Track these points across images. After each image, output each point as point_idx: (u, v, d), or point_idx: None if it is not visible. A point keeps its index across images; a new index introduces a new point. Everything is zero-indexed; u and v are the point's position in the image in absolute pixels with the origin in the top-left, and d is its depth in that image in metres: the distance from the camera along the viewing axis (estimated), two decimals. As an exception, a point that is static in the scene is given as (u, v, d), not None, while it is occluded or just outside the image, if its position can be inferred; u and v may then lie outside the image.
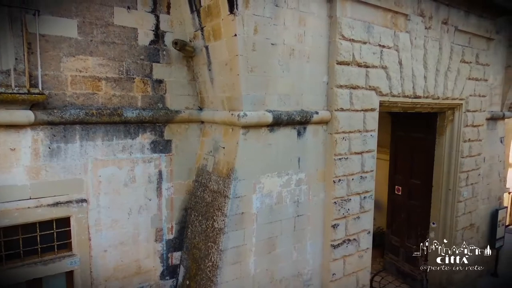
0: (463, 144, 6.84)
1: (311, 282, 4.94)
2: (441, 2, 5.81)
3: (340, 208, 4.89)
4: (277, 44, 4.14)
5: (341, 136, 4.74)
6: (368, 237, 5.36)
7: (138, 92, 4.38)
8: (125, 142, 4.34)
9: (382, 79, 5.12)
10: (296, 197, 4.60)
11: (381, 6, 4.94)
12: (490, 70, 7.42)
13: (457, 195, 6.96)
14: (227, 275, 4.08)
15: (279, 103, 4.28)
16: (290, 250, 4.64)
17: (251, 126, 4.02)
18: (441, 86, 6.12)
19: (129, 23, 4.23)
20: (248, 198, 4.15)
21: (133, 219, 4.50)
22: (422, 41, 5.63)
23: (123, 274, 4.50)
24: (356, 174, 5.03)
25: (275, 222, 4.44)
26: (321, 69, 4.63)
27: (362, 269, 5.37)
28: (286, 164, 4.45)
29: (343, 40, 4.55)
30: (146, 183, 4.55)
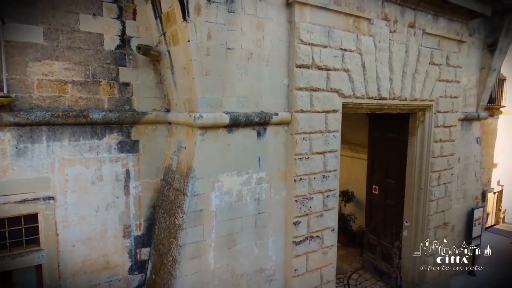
0: (434, 145, 7.00)
1: (274, 278, 5.13)
2: (407, 6, 5.98)
3: (302, 206, 5.07)
4: (234, 49, 4.34)
5: (301, 137, 4.93)
6: (332, 234, 5.54)
7: (105, 94, 4.59)
8: (92, 142, 4.55)
9: (345, 82, 5.30)
10: (257, 195, 4.79)
11: (342, 11, 5.12)
12: (463, 72, 7.56)
13: (428, 194, 7.12)
14: (186, 269, 4.28)
15: (238, 105, 4.47)
16: (251, 246, 4.83)
17: (208, 127, 4.22)
18: (408, 88, 6.28)
19: (95, 29, 4.43)
20: (206, 196, 4.35)
21: (100, 216, 4.70)
22: (386, 44, 5.80)
23: (91, 268, 4.71)
24: (318, 173, 5.21)
25: (235, 219, 4.64)
26: (281, 72, 4.82)
27: (326, 265, 5.55)
28: (246, 164, 4.65)
29: (302, 44, 4.74)
30: (113, 181, 4.75)
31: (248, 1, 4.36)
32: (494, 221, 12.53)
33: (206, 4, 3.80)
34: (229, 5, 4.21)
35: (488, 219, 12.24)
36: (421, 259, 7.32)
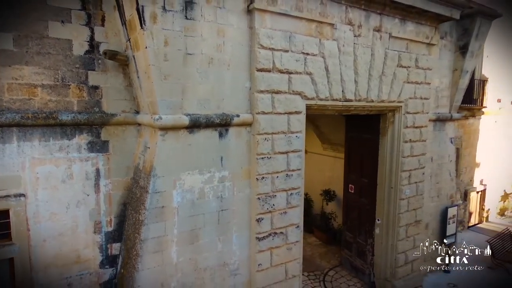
0: (404, 145, 7.21)
1: (239, 272, 5.37)
2: (372, 11, 6.20)
3: (264, 204, 5.31)
4: (195, 54, 4.58)
5: (263, 137, 5.16)
6: (296, 231, 5.76)
7: (74, 97, 4.83)
8: (62, 142, 4.80)
9: (307, 84, 5.53)
10: (219, 193, 5.03)
11: (304, 17, 5.35)
12: (434, 74, 7.78)
13: (399, 193, 7.33)
14: (148, 262, 4.53)
15: (199, 107, 4.72)
16: (214, 241, 5.07)
17: (168, 128, 4.46)
18: (375, 90, 6.50)
19: (64, 35, 4.68)
20: (168, 193, 4.60)
21: (71, 213, 4.95)
22: (351, 48, 6.02)
23: (62, 262, 4.95)
24: (282, 172, 5.44)
25: (198, 215, 4.88)
26: (243, 76, 5.06)
27: (291, 261, 5.78)
28: (208, 163, 4.89)
29: (262, 49, 4.97)
30: (83, 180, 4.99)
31: (208, 9, 4.60)
32: (477, 220, 12.69)
33: (162, 12, 4.04)
34: (188, 12, 4.45)
35: (471, 218, 12.42)
36: (392, 256, 7.54)
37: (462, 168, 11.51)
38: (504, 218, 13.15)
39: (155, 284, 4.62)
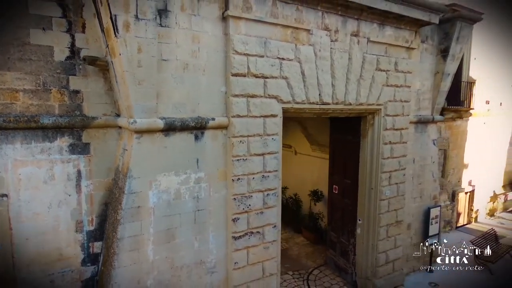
0: (384, 146, 7.37)
1: (216, 270, 5.55)
2: (349, 17, 6.36)
3: (240, 204, 5.48)
4: (169, 60, 4.77)
5: (238, 140, 5.34)
6: (273, 230, 5.94)
7: (55, 101, 5.03)
8: (44, 145, 4.99)
9: (283, 88, 5.70)
10: (195, 194, 5.22)
11: (280, 23, 5.52)
12: (415, 77, 7.95)
13: (379, 194, 7.49)
14: (124, 260, 4.72)
15: (174, 111, 4.90)
16: (191, 240, 5.25)
17: (143, 131, 4.65)
18: (353, 93, 6.66)
19: (45, 42, 4.87)
20: (144, 193, 4.79)
21: (53, 212, 5.14)
22: (328, 52, 6.19)
23: (45, 260, 5.14)
24: (258, 173, 5.62)
25: (174, 215, 5.07)
26: (219, 80, 5.24)
27: (268, 259, 5.95)
28: (184, 164, 5.07)
29: (237, 54, 5.15)
30: (65, 180, 5.18)
31: (182, 17, 4.79)
32: (466, 220, 12.81)
33: (135, 21, 4.23)
34: (163, 20, 4.64)
35: (459, 219, 12.55)
36: (373, 255, 7.70)
37: (450, 169, 11.64)
38: (493, 218, 13.26)
39: (131, 281, 4.81)
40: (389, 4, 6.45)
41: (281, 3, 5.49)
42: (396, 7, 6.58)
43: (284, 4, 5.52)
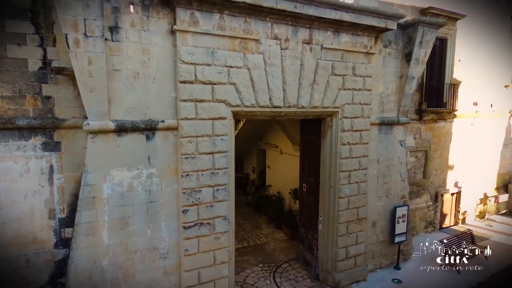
0: (342, 147, 7.78)
1: (168, 256, 6.22)
2: (300, 26, 6.83)
3: (190, 197, 6.12)
4: (121, 70, 5.48)
5: (187, 140, 5.98)
6: (224, 222, 6.52)
7: (30, 106, 5.86)
8: (20, 143, 5.83)
9: (231, 93, 6.28)
10: (148, 187, 5.91)
11: (227, 35, 6.10)
12: (378, 80, 8.29)
13: (338, 192, 7.90)
14: (81, 243, 5.48)
15: (126, 114, 5.61)
16: (143, 228, 5.95)
17: (97, 132, 5.39)
18: (306, 97, 7.12)
19: (21, 55, 5.70)
20: (98, 186, 5.53)
21: (28, 201, 5.98)
22: (278, 60, 6.70)
23: (20, 242, 5.99)
24: (207, 170, 6.23)
25: (127, 205, 5.78)
26: (169, 87, 5.90)
27: (220, 249, 6.54)
28: (136, 161, 5.78)
29: (184, 64, 5.79)
30: (39, 174, 6.01)
31: (132, 32, 5.49)
32: (453, 222, 12.80)
33: (84, 38, 4.96)
34: (114, 36, 5.36)
35: (445, 220, 12.58)
36: (333, 250, 8.11)
37: (432, 170, 11.74)
38: (482, 221, 13.15)
39: (88, 262, 5.56)
40: (339, 13, 6.86)
41: (229, 16, 6.07)
42: (347, 16, 6.98)
43: (231, 17, 6.10)
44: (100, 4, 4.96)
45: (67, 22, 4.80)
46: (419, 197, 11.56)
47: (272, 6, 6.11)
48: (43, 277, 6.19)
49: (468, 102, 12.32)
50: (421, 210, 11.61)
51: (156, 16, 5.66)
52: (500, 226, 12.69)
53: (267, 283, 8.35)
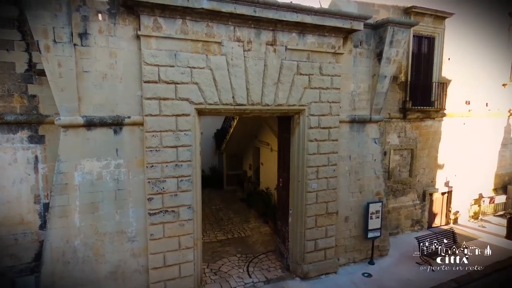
0: (309, 143, 8.13)
1: (136, 239, 6.86)
2: (263, 29, 7.27)
3: (154, 186, 6.73)
4: (90, 71, 6.18)
5: (151, 134, 6.59)
6: (188, 210, 7.08)
7: (17, 103, 6.70)
8: (8, 136, 6.68)
9: (194, 92, 6.83)
10: (116, 176, 6.58)
11: (189, 38, 6.66)
12: (349, 79, 8.57)
13: (306, 187, 8.25)
14: (55, 223, 6.23)
15: (95, 110, 6.30)
16: (112, 213, 6.62)
17: (68, 126, 6.11)
18: (270, 95, 7.55)
19: (9, 59, 6.54)
20: (70, 174, 6.25)
21: (16, 187, 6.83)
22: (241, 61, 7.17)
23: (10, 222, 6.85)
24: (171, 162, 6.81)
25: (97, 192, 6.47)
26: (135, 86, 6.54)
27: (184, 235, 7.11)
28: (105, 153, 6.46)
29: (147, 65, 6.40)
30: (25, 163, 6.85)
31: (100, 37, 6.17)
32: (445, 222, 12.69)
33: (53, 44, 5.68)
34: (83, 41, 6.06)
35: (435, 219, 12.51)
36: (301, 242, 8.48)
37: (419, 169, 11.75)
38: (476, 221, 12.93)
39: (61, 241, 6.30)
40: (301, 16, 7.24)
41: (191, 21, 6.63)
42: (310, 18, 7.34)
43: (194, 22, 6.65)
44: (67, 14, 5.67)
45: (38, 30, 5.54)
46: (405, 195, 11.61)
47: (231, 11, 6.60)
48: (29, 255, 7.04)
49: (459, 101, 12.21)
50: (406, 208, 11.66)
51: (122, 23, 6.31)
52: (493, 227, 12.45)
53: (240, 271, 8.84)
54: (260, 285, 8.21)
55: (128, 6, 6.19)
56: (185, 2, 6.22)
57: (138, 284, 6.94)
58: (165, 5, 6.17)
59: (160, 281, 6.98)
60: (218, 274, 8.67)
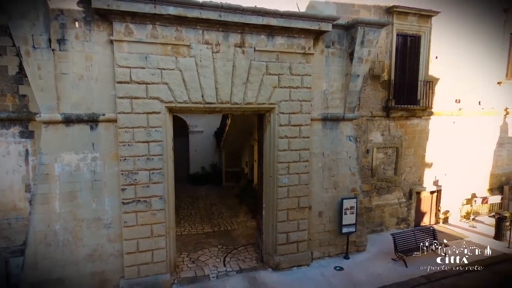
0: (279, 140, 8.53)
1: (112, 226, 7.52)
2: (231, 32, 7.73)
3: (127, 178, 7.36)
4: (68, 73, 6.89)
5: (124, 130, 7.22)
6: (160, 201, 7.66)
7: (9, 102, 7.52)
8: (2, 131, 7.51)
9: (164, 91, 7.40)
10: (92, 168, 7.27)
11: (159, 42, 7.24)
12: (321, 79, 8.89)
13: (277, 181, 8.65)
14: (38, 209, 6.99)
15: (73, 108, 7.02)
16: (89, 201, 7.32)
17: (48, 122, 6.86)
18: (239, 94, 8.01)
19: (2, 63, 7.36)
20: (51, 165, 7.00)
21: (9, 177, 7.66)
22: (209, 62, 7.67)
23: (4, 208, 7.69)
24: (143, 156, 7.42)
25: (75, 182, 7.19)
26: (109, 87, 7.20)
27: (156, 223, 7.70)
28: (82, 147, 7.16)
29: (120, 68, 7.03)
30: (17, 156, 7.67)
31: (77, 43, 6.86)
32: (434, 221, 12.64)
33: (33, 49, 6.41)
34: (61, 46, 6.78)
35: (424, 218, 12.49)
36: (273, 235, 8.88)
37: (405, 167, 11.81)
38: (468, 221, 12.77)
39: (43, 224, 7.05)
40: (266, 19, 7.65)
41: (161, 26, 7.20)
42: (275, 21, 7.73)
43: (163, 27, 7.22)
44: (44, 23, 6.39)
45: (19, 37, 6.29)
46: (390, 193, 11.71)
47: (197, 16, 7.12)
48: (21, 238, 7.84)
49: (449, 100, 12.14)
50: (391, 206, 11.75)
51: (97, 29, 6.98)
52: (484, 227, 12.27)
53: (217, 261, 9.35)
54: (232, 274, 8.69)
55: (102, 14, 6.84)
56: (152, 9, 6.80)
57: (114, 267, 7.61)
58: (135, 12, 6.78)
59: (134, 265, 7.61)
60: (195, 263, 9.22)
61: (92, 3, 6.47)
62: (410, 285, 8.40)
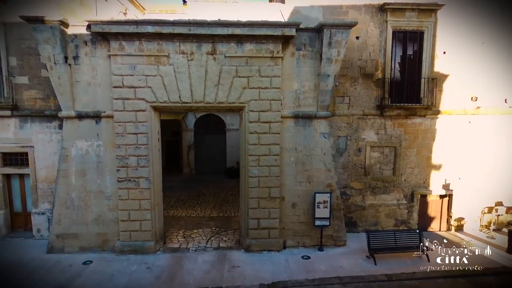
0: (250, 135, 9.62)
1: (111, 198, 9.72)
2: (204, 42, 9.17)
3: (120, 161, 9.44)
4: (80, 81, 9.29)
5: (118, 124, 9.31)
6: (146, 181, 9.54)
7: (52, 103, 10.37)
8: (48, 124, 10.40)
9: (148, 94, 9.25)
10: (97, 153, 9.57)
11: (145, 54, 9.13)
12: (293, 79, 9.66)
13: (248, 172, 9.76)
14: (60, 181, 9.58)
15: (83, 107, 9.40)
16: (95, 178, 9.63)
17: (67, 118, 9.37)
18: (211, 95, 9.38)
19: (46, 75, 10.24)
20: (69, 149, 9.51)
21: (52, 158, 10.54)
22: (185, 68, 9.24)
23: (49, 180, 10.62)
24: (132, 145, 9.41)
25: (86, 163, 9.58)
26: (109, 90, 9.37)
27: (143, 199, 9.61)
28: (90, 136, 9.50)
29: (115, 75, 9.13)
30: (56, 142, 10.50)
31: (86, 58, 9.20)
32: (445, 227, 11.81)
33: (54, 65, 8.92)
34: (76, 61, 9.19)
35: (431, 223, 11.83)
36: (245, 219, 9.99)
37: (406, 168, 11.44)
38: (487, 231, 11.55)
39: (64, 193, 9.61)
40: (231, 29, 8.86)
41: (146, 41, 9.08)
42: (239, 30, 8.88)
43: (148, 42, 9.08)
44: (61, 46, 8.83)
45: (44, 57, 8.86)
46: (387, 193, 11.51)
47: (170, 31, 8.78)
48: (59, 203, 10.70)
49: (461, 97, 11.25)
50: (388, 207, 11.53)
51: (100, 47, 9.21)
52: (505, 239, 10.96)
53: (203, 239, 10.86)
54: (209, 250, 10.09)
55: (102, 35, 9.03)
56: (135, 29, 8.70)
57: (113, 231, 9.80)
58: (124, 32, 8.78)
59: (127, 231, 9.68)
60: (186, 238, 10.90)
61: (91, 28, 8.68)
62: (366, 280, 8.53)
